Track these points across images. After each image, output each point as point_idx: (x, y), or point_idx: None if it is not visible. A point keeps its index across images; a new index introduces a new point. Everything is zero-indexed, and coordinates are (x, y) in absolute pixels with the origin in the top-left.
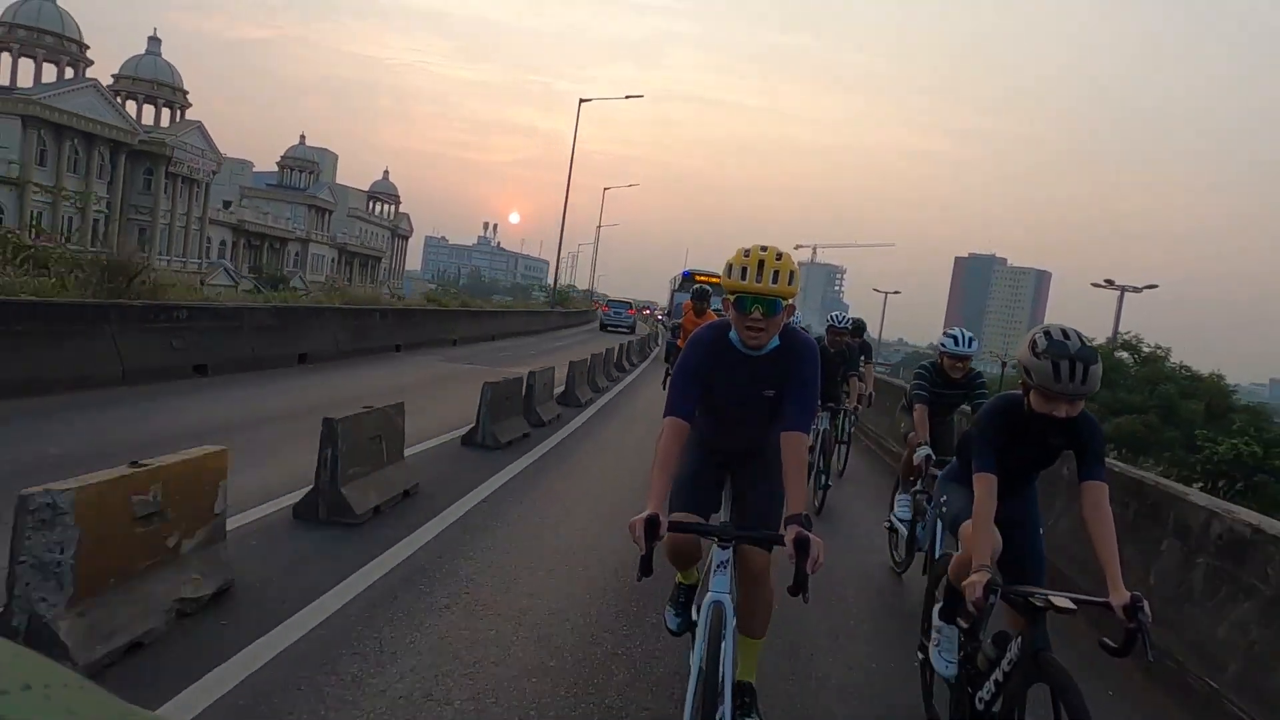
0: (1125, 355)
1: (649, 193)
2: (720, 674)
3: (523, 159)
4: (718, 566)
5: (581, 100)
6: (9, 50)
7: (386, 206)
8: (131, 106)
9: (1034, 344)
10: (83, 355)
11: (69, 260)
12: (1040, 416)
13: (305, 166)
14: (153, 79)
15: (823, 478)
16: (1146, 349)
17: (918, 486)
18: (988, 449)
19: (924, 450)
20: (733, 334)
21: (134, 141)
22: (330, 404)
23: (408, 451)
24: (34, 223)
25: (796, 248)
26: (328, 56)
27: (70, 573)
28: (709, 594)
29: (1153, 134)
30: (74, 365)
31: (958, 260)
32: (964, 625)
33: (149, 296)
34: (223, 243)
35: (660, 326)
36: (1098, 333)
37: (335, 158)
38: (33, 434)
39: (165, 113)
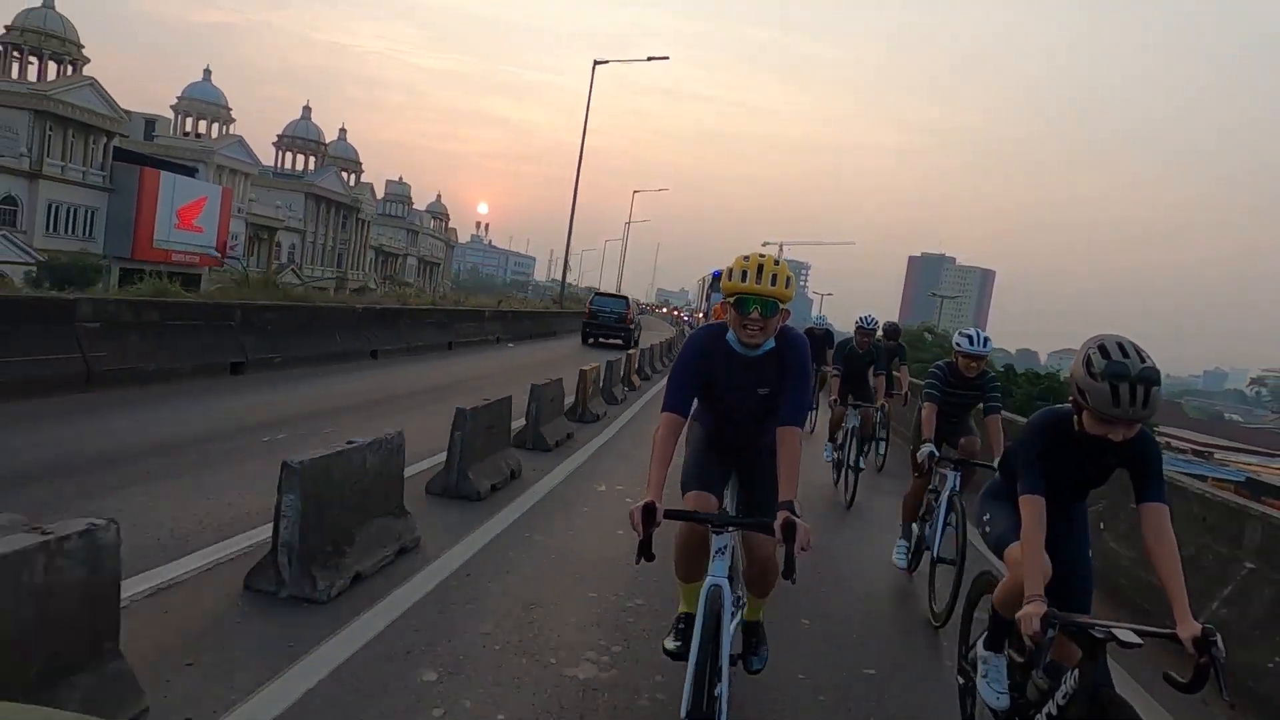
0: (929, 335)
1: (622, 185)
2: (720, 656)
3: (495, 150)
4: (716, 552)
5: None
6: (292, 151)
7: (438, 221)
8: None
9: (1089, 362)
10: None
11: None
12: (1093, 436)
13: (401, 199)
14: (341, 156)
15: (851, 475)
16: (941, 331)
17: (931, 485)
18: (1034, 469)
19: (927, 448)
20: (730, 335)
21: (349, 202)
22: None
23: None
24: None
25: (764, 244)
26: (293, 43)
27: None
28: (708, 578)
29: (1107, 132)
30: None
31: (911, 259)
32: (1019, 659)
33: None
34: (370, 259)
35: (686, 325)
36: (1036, 326)
37: (409, 187)
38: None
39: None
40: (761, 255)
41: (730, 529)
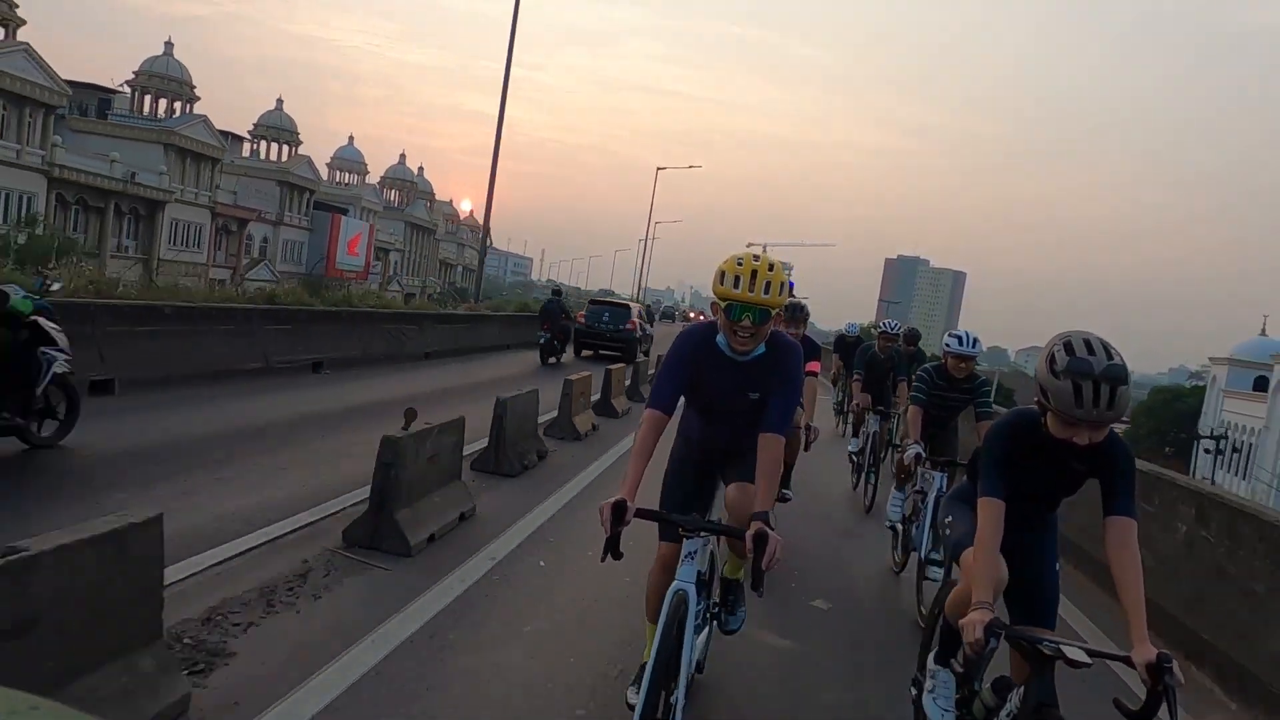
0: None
1: (603, 184)
2: (680, 661)
3: (474, 145)
4: (685, 556)
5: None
6: (393, 189)
7: (474, 233)
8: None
9: (1052, 359)
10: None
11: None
12: (1059, 440)
13: (449, 214)
14: (430, 193)
15: (872, 477)
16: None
17: (916, 485)
18: (995, 471)
19: (914, 449)
20: (720, 338)
21: (430, 226)
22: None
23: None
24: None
25: (748, 245)
26: (269, 36)
27: None
28: (675, 582)
29: (1077, 131)
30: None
31: (887, 261)
32: (959, 669)
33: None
34: (438, 269)
35: None
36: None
37: (453, 207)
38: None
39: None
40: (755, 258)
41: (702, 533)
